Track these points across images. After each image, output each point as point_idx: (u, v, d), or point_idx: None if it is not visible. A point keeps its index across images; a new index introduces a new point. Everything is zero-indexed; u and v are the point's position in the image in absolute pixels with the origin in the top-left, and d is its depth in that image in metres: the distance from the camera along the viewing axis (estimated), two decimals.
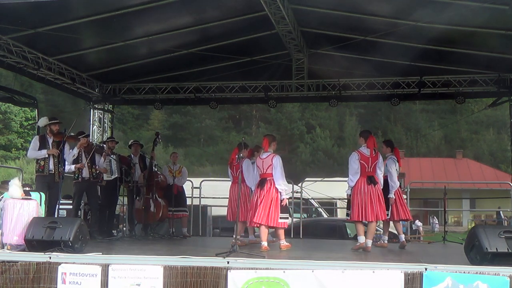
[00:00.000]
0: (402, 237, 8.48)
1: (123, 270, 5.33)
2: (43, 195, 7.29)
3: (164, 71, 12.22)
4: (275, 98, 12.42)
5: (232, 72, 11.75)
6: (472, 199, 28.18)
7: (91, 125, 12.95)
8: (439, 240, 10.84)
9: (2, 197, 6.70)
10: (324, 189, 14.83)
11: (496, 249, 5.35)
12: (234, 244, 6.09)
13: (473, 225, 20.75)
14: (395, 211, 8.43)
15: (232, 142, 40.00)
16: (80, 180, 8.81)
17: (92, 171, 8.91)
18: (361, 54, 11.12)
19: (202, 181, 12.63)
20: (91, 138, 11.77)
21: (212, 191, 12.79)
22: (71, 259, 5.53)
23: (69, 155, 8.46)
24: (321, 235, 11.28)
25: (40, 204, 6.83)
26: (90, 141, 9.99)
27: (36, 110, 12.71)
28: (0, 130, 34.74)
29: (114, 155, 9.66)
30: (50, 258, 5.54)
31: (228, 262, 5.29)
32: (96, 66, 11.74)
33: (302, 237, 10.64)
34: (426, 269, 4.97)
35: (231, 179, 8.81)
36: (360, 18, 9.82)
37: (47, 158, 8.25)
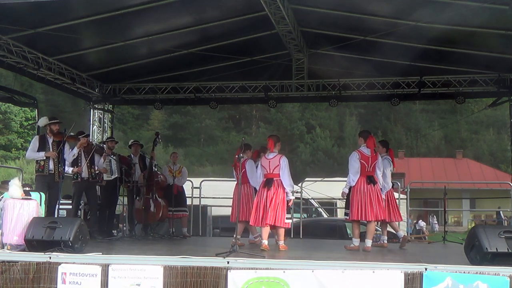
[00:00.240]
0: (401, 233, 8.50)
1: (123, 270, 5.33)
2: (43, 195, 7.29)
3: (164, 71, 12.23)
4: (275, 98, 12.43)
5: (232, 72, 11.75)
6: (472, 199, 28.16)
7: (91, 125, 12.95)
8: (439, 240, 10.84)
9: (2, 197, 6.70)
10: (324, 189, 14.82)
11: (496, 249, 5.35)
12: (234, 244, 6.10)
13: (473, 225, 20.74)
14: (397, 211, 8.47)
15: (232, 142, 40.03)
16: (80, 180, 8.80)
17: (91, 171, 8.90)
18: (361, 54, 11.13)
19: (202, 181, 12.62)
20: (91, 138, 11.77)
21: (212, 191, 12.80)
22: (71, 259, 5.53)
23: (69, 155, 8.45)
24: (321, 235, 11.28)
25: (40, 204, 6.83)
26: (90, 141, 9.98)
27: (36, 110, 12.71)
28: (0, 130, 34.75)
29: (114, 155, 9.66)
30: (50, 258, 5.54)
31: (228, 262, 5.29)
32: (96, 66, 11.74)
33: (302, 237, 10.64)
34: (426, 269, 4.96)
35: (236, 180, 8.80)
36: (360, 18, 9.82)
37: (47, 158, 8.25)
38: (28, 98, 11.98)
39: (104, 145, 10.00)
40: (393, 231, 8.90)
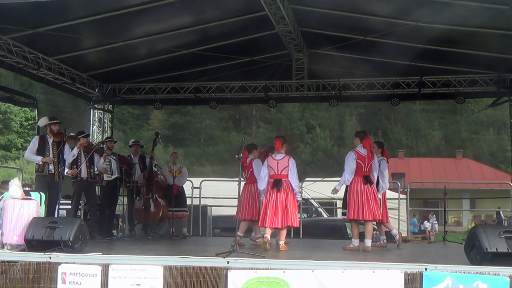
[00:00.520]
0: (395, 232, 8.49)
1: (123, 270, 5.33)
2: (43, 195, 7.29)
3: (164, 71, 12.22)
4: (275, 98, 12.42)
5: (232, 72, 11.75)
6: (472, 199, 28.17)
7: (91, 125, 12.94)
8: (439, 240, 10.84)
9: (2, 197, 6.70)
10: (324, 189, 14.77)
11: (496, 249, 5.34)
12: (235, 244, 6.08)
13: (473, 225, 20.73)
14: (384, 212, 8.47)
15: (232, 142, 40.03)
16: (79, 180, 8.80)
17: (90, 171, 8.89)
18: (361, 54, 11.13)
19: (202, 181, 12.62)
20: (91, 138, 11.77)
21: (212, 191, 12.80)
22: (71, 259, 5.52)
23: (69, 155, 8.46)
24: (321, 235, 11.28)
25: (40, 204, 6.83)
26: (90, 141, 9.98)
27: (36, 110, 12.71)
28: (0, 130, 34.75)
29: (114, 155, 9.66)
30: (50, 258, 5.53)
31: (228, 262, 5.28)
32: (96, 66, 11.74)
33: (302, 237, 10.63)
34: (426, 269, 4.96)
35: (244, 180, 8.81)
36: (360, 18, 9.82)
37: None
38: (28, 98, 11.98)
39: (103, 145, 10.00)
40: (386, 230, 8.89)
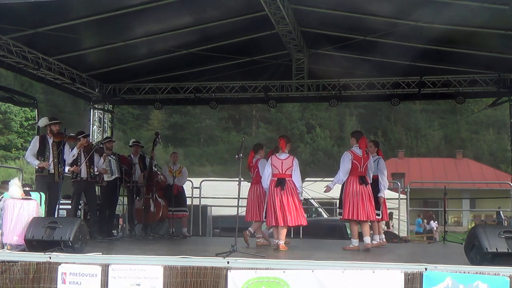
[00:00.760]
0: (380, 237, 8.45)
1: (123, 270, 5.33)
2: (43, 195, 7.29)
3: (164, 71, 12.22)
4: (275, 98, 12.42)
5: (232, 72, 11.75)
6: (472, 199, 28.14)
7: (91, 125, 12.94)
8: (439, 240, 10.83)
9: (2, 197, 6.70)
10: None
11: (496, 249, 5.34)
12: (235, 244, 6.08)
13: (473, 225, 20.73)
14: (384, 211, 8.48)
15: (232, 142, 40.02)
16: (79, 180, 8.80)
17: (90, 171, 8.89)
18: (361, 54, 11.13)
19: (202, 181, 12.62)
20: (91, 138, 11.76)
21: (212, 191, 12.80)
22: (71, 259, 5.52)
23: (68, 156, 8.45)
24: (321, 235, 11.26)
25: (40, 204, 6.83)
26: (90, 141, 9.98)
27: (36, 110, 12.72)
28: (0, 130, 34.75)
29: (114, 155, 9.66)
30: (50, 258, 5.53)
31: (228, 262, 5.28)
32: (96, 66, 11.74)
33: (302, 237, 10.63)
34: (426, 269, 4.96)
35: (251, 180, 8.81)
36: (360, 18, 9.82)
37: (47, 158, 8.24)
38: (28, 98, 11.98)
39: (102, 145, 9.99)
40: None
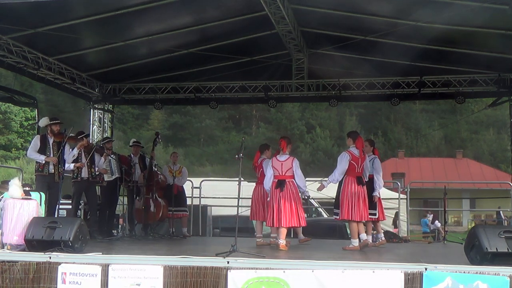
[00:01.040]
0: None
1: (123, 270, 5.33)
2: (43, 195, 7.29)
3: (164, 71, 12.22)
4: (275, 98, 12.42)
5: (232, 72, 11.75)
6: (472, 199, 28.16)
7: (91, 125, 12.94)
8: (439, 240, 10.83)
9: (2, 197, 6.70)
10: (324, 189, 14.79)
11: (496, 249, 5.34)
12: (235, 244, 6.08)
13: (473, 225, 20.72)
14: (380, 210, 8.47)
15: (232, 142, 40.02)
16: (79, 180, 8.80)
17: (91, 171, 8.90)
18: (361, 54, 11.13)
19: (202, 181, 12.61)
20: (91, 138, 11.77)
21: (212, 191, 12.78)
22: (71, 259, 5.52)
23: (69, 156, 8.45)
24: (321, 235, 11.25)
25: (40, 204, 6.83)
26: (90, 141, 9.98)
27: (36, 110, 12.72)
28: (0, 130, 34.75)
29: (114, 155, 9.66)
30: (50, 258, 5.53)
31: (228, 262, 5.28)
32: (96, 66, 11.74)
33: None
34: (426, 269, 4.96)
35: (256, 180, 8.81)
36: (360, 18, 9.82)
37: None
38: (28, 98, 11.98)
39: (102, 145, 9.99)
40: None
